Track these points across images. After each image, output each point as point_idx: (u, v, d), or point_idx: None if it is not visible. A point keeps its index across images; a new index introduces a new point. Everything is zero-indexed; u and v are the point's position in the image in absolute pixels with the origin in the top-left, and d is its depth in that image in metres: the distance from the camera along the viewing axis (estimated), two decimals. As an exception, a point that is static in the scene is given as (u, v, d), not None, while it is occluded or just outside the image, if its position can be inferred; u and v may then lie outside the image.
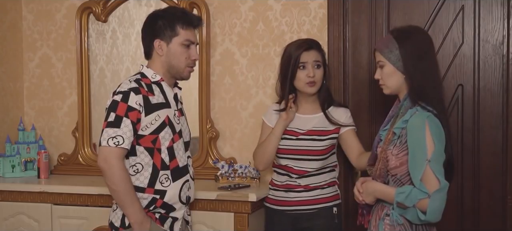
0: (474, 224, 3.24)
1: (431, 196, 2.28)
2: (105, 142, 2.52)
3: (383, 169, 2.45)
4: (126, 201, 2.53)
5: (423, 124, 2.33)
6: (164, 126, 2.61)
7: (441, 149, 2.34)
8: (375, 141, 2.60)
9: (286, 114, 2.95)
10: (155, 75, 2.66)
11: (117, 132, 2.51)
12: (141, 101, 2.56)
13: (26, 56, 3.96)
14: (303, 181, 2.97)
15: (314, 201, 2.97)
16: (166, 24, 2.63)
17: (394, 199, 2.36)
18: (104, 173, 2.54)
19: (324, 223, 2.97)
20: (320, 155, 2.95)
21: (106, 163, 2.52)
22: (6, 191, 3.41)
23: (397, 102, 2.56)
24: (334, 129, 2.97)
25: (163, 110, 2.62)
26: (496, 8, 3.15)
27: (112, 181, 2.52)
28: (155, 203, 2.62)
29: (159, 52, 2.65)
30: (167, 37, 2.64)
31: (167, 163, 2.63)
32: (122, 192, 2.53)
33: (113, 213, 2.67)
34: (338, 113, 3.00)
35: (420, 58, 2.42)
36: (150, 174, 2.61)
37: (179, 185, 2.66)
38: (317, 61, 2.93)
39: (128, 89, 2.56)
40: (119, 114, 2.53)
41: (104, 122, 2.56)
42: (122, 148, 2.52)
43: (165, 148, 2.62)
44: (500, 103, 3.17)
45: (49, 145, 3.88)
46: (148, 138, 2.59)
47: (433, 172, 2.29)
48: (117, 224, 2.63)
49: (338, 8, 3.35)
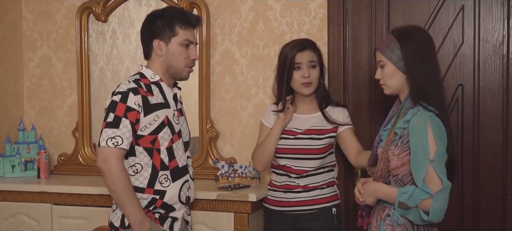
0: (474, 224, 3.24)
1: (433, 196, 2.28)
2: (104, 143, 2.52)
3: (384, 169, 2.45)
4: (125, 201, 2.54)
5: (425, 124, 2.33)
6: (163, 126, 2.61)
7: (443, 149, 2.34)
8: (375, 141, 2.60)
9: (284, 115, 2.95)
10: (154, 75, 2.66)
11: (116, 132, 2.51)
12: (140, 102, 2.56)
13: (26, 56, 3.96)
14: (302, 181, 2.97)
15: (313, 202, 2.97)
16: (165, 24, 2.63)
17: (396, 199, 2.35)
18: (103, 173, 2.55)
19: (323, 223, 2.97)
20: (318, 154, 2.95)
21: (105, 163, 2.52)
22: (6, 191, 3.41)
23: (398, 103, 2.56)
24: (332, 128, 2.97)
25: (162, 111, 2.62)
26: (496, 8, 3.15)
27: (111, 181, 2.53)
28: (154, 203, 2.61)
29: (158, 53, 2.66)
30: (166, 38, 2.64)
31: (166, 163, 2.63)
32: (121, 192, 2.53)
33: (112, 213, 2.67)
34: (336, 113, 3.00)
35: (421, 58, 2.41)
36: (150, 174, 2.61)
37: (179, 185, 2.66)
38: (312, 61, 2.93)
39: (127, 90, 2.56)
40: (118, 114, 2.53)
41: (103, 122, 2.56)
42: (121, 148, 2.52)
43: (164, 148, 2.62)
44: (500, 103, 3.17)
45: (49, 145, 3.88)
46: (147, 138, 2.59)
47: (435, 172, 2.29)
48: (116, 224, 2.63)
49: (338, 8, 3.35)
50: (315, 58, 2.94)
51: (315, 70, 2.94)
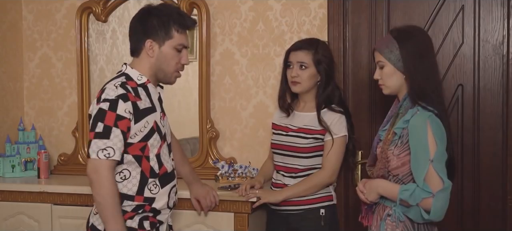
0: (474, 224, 3.24)
1: (435, 196, 2.29)
2: (94, 155, 2.36)
3: (383, 169, 2.45)
4: (109, 216, 2.38)
5: (425, 124, 2.33)
6: (152, 133, 2.48)
7: (443, 148, 2.35)
8: (374, 141, 2.61)
9: (249, 189, 3.00)
10: (141, 76, 2.50)
11: (107, 144, 2.36)
12: (130, 109, 2.40)
13: (26, 56, 3.96)
14: (292, 181, 2.96)
15: (300, 202, 2.92)
16: (160, 24, 2.48)
17: (398, 196, 2.36)
18: (92, 184, 2.39)
19: (309, 224, 2.92)
20: (303, 153, 2.92)
21: (96, 173, 2.37)
22: (6, 191, 3.41)
23: (396, 102, 2.56)
24: (321, 130, 2.92)
25: (151, 116, 2.48)
26: (496, 8, 3.15)
27: (99, 193, 2.38)
28: (143, 207, 2.51)
29: (149, 53, 2.50)
30: (160, 39, 2.49)
31: (156, 170, 2.50)
32: (107, 206, 2.38)
33: (95, 215, 2.52)
34: (329, 117, 2.93)
35: (420, 58, 2.41)
36: (138, 181, 2.48)
37: (167, 191, 2.56)
38: (302, 62, 2.91)
39: (115, 97, 2.38)
40: (108, 124, 2.36)
41: (91, 132, 2.39)
42: (113, 159, 2.38)
43: (153, 155, 2.49)
44: (500, 103, 3.17)
45: (49, 145, 3.88)
46: (136, 146, 2.45)
47: (436, 171, 2.30)
48: (100, 227, 2.48)
49: (338, 8, 3.35)
50: (308, 60, 2.91)
51: (304, 72, 2.91)
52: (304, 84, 2.93)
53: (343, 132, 2.91)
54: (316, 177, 2.90)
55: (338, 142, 2.89)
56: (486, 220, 3.23)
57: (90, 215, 2.59)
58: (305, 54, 2.92)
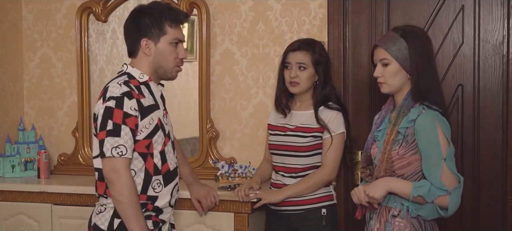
0: (474, 224, 3.24)
1: (451, 193, 2.31)
2: (109, 153, 2.39)
3: (388, 169, 2.43)
4: (131, 214, 2.40)
5: (434, 123, 2.33)
6: (157, 130, 2.50)
7: (452, 146, 2.37)
8: (368, 142, 2.58)
9: (248, 189, 2.98)
10: (142, 75, 2.53)
11: (119, 141, 2.38)
12: (135, 106, 2.42)
13: (26, 56, 3.96)
14: (293, 180, 2.96)
15: (301, 202, 2.92)
16: (153, 22, 2.49)
17: (411, 193, 2.34)
18: (113, 184, 2.41)
19: (311, 224, 2.91)
20: (303, 152, 2.92)
21: (116, 172, 2.39)
22: (6, 191, 3.41)
23: (390, 102, 2.55)
24: (319, 128, 2.92)
25: (155, 113, 2.50)
26: (496, 8, 3.15)
27: (120, 192, 2.39)
28: (146, 206, 2.52)
29: (146, 52, 2.52)
30: (155, 36, 2.50)
31: (159, 167, 2.52)
32: (129, 204, 2.40)
33: (98, 215, 2.53)
34: (327, 115, 2.92)
35: (428, 59, 2.42)
36: (143, 180, 2.49)
37: (170, 190, 2.58)
38: (300, 63, 2.90)
39: (121, 95, 2.41)
40: (117, 122, 2.39)
41: (102, 131, 2.40)
42: (126, 157, 2.40)
43: (157, 152, 2.51)
44: (500, 103, 3.17)
45: (49, 145, 3.88)
46: (142, 143, 2.46)
47: (450, 169, 2.33)
48: (103, 227, 2.49)
49: (338, 8, 3.35)
50: (307, 60, 2.90)
51: (303, 73, 2.90)
52: (303, 85, 2.92)
53: (341, 128, 2.91)
54: (316, 175, 2.90)
55: (336, 139, 2.90)
56: (486, 220, 3.23)
57: (92, 215, 2.59)
58: (304, 55, 2.91)
